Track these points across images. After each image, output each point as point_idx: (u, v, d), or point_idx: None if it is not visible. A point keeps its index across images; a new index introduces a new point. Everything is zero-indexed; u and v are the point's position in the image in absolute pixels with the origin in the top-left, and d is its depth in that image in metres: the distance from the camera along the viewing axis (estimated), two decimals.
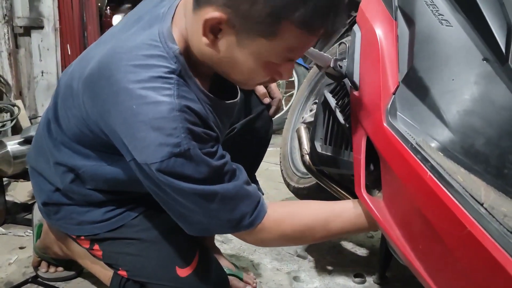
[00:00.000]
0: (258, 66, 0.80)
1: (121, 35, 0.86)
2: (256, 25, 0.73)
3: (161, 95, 0.76)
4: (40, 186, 1.07)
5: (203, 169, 0.79)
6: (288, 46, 0.77)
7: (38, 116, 2.63)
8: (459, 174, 0.73)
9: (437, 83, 0.86)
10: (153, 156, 0.76)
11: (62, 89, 0.95)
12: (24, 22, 2.54)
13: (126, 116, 0.77)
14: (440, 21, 0.91)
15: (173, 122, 0.76)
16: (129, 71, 0.77)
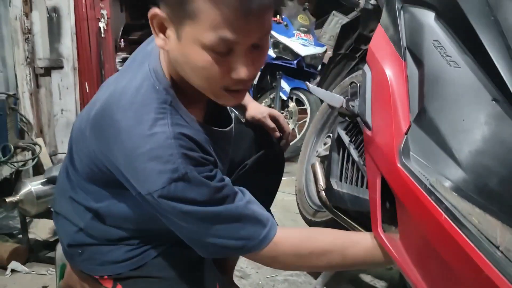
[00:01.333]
0: (206, 58, 0.79)
1: (120, 78, 0.92)
2: (177, 7, 0.76)
3: (156, 126, 0.81)
4: (64, 228, 1.10)
5: (203, 191, 0.82)
6: (212, 23, 0.75)
7: (58, 152, 2.71)
8: (474, 215, 0.74)
9: (448, 123, 0.88)
10: (155, 185, 0.80)
11: (74, 133, 1.00)
12: (45, 63, 2.64)
13: (127, 152, 0.82)
14: (448, 62, 0.94)
15: (169, 149, 0.80)
16: (127, 110, 0.83)
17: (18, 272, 1.68)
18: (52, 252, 1.79)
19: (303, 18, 3.87)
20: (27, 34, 2.56)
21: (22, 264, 1.71)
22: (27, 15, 2.56)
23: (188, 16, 0.75)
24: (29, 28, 2.57)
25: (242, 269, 1.67)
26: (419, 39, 1.01)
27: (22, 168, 2.28)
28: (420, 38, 1.01)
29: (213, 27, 0.75)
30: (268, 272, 1.68)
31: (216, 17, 0.74)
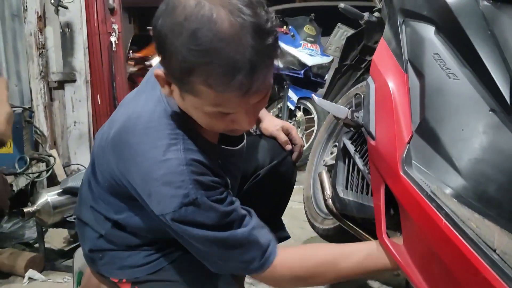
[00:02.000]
0: (207, 117, 0.84)
1: (136, 100, 0.98)
2: (179, 82, 0.79)
3: (169, 152, 0.86)
4: (86, 234, 1.16)
5: (212, 215, 0.87)
6: (212, 103, 0.79)
7: (71, 163, 2.77)
8: (473, 220, 0.78)
9: (448, 133, 0.91)
10: (167, 208, 0.85)
11: (96, 148, 1.05)
12: (58, 77, 2.72)
13: (142, 175, 0.88)
14: (447, 74, 0.98)
15: (181, 176, 0.84)
16: (142, 135, 0.88)
17: (35, 280, 1.73)
18: (68, 260, 1.85)
19: (310, 28, 3.93)
20: (41, 49, 2.64)
21: (39, 273, 1.76)
22: (41, 31, 2.65)
23: (190, 92, 0.79)
24: (43, 43, 2.65)
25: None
26: (420, 52, 1.06)
27: (37, 179, 2.34)
28: (421, 51, 1.05)
29: (213, 105, 0.79)
30: None
31: (216, 99, 0.77)
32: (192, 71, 0.74)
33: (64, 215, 1.79)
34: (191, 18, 0.72)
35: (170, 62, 0.77)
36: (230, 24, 0.72)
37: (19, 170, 2.23)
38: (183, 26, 0.73)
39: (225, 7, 0.73)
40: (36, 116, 2.62)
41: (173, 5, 0.75)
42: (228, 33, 0.72)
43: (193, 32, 0.72)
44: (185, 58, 0.73)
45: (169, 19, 0.74)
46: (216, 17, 0.72)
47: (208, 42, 0.71)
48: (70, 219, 1.80)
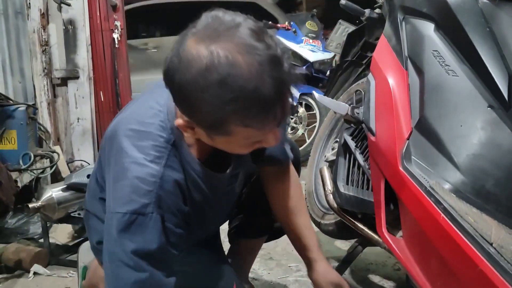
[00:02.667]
0: (236, 147, 0.86)
1: (139, 100, 0.99)
2: (210, 128, 0.80)
3: (150, 161, 0.86)
4: (94, 226, 1.18)
5: (153, 241, 0.84)
6: (246, 137, 0.81)
7: (75, 160, 2.79)
8: (471, 215, 0.79)
9: (447, 129, 0.93)
10: (120, 207, 0.85)
11: (102, 143, 1.06)
12: (62, 74, 2.74)
13: (117, 170, 0.89)
14: (447, 71, 0.99)
15: (150, 186, 0.84)
16: (131, 135, 0.89)
17: (40, 274, 1.75)
18: (72, 255, 1.87)
19: (311, 24, 3.94)
20: (45, 46, 2.65)
21: (43, 267, 1.78)
22: (44, 28, 2.66)
23: (222, 134, 0.80)
24: (46, 40, 2.67)
25: (255, 270, 1.73)
26: (419, 49, 1.07)
27: (41, 175, 2.37)
28: (420, 48, 1.07)
29: (247, 138, 0.82)
30: (280, 273, 1.73)
31: (249, 133, 0.79)
32: (225, 119, 0.75)
33: (69, 210, 1.81)
34: (212, 69, 0.72)
35: (198, 114, 0.77)
36: (250, 65, 0.72)
37: (23, 166, 2.26)
38: (206, 79, 0.72)
39: (239, 49, 0.72)
40: (40, 113, 2.64)
41: (187, 59, 0.74)
42: (251, 73, 0.72)
43: (219, 83, 0.72)
44: (217, 108, 0.74)
45: (188, 73, 0.73)
46: (235, 61, 0.71)
47: (236, 88, 0.72)
48: (75, 215, 1.83)
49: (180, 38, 0.78)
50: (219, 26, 0.74)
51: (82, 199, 1.80)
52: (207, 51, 0.72)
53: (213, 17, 0.76)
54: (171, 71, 0.76)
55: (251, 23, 0.76)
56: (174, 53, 0.77)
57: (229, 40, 0.72)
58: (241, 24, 0.74)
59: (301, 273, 1.73)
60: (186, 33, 0.78)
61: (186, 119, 0.82)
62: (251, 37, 0.73)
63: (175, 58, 0.76)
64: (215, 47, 0.72)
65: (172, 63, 0.76)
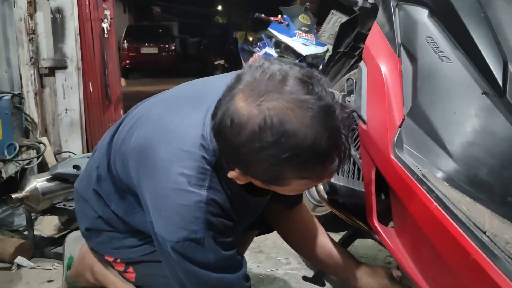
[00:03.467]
0: (289, 192, 0.86)
1: (173, 111, 0.94)
2: (267, 181, 0.81)
3: (193, 185, 0.84)
4: (84, 212, 1.16)
5: (211, 256, 0.87)
6: (302, 186, 0.83)
7: (63, 151, 2.75)
8: (464, 204, 0.77)
9: (440, 116, 0.90)
10: (171, 235, 0.85)
11: (116, 142, 1.03)
12: (49, 64, 2.68)
13: (158, 193, 0.87)
14: (440, 57, 0.97)
15: (197, 212, 0.84)
16: (175, 155, 0.86)
17: (23, 267, 1.71)
18: (57, 248, 1.83)
19: (305, 17, 3.91)
20: (32, 34, 2.59)
21: (27, 260, 1.74)
22: (31, 16, 2.60)
23: (278, 185, 0.81)
24: (34, 29, 2.60)
25: None
26: (413, 36, 1.04)
27: (27, 166, 2.32)
28: (414, 34, 1.04)
29: (302, 186, 0.82)
30: (269, 266, 1.71)
31: (307, 182, 0.81)
32: (282, 174, 0.76)
33: (54, 201, 1.77)
34: (265, 130, 0.71)
35: (254, 171, 0.78)
36: (302, 121, 0.71)
37: (8, 157, 2.20)
38: (260, 140, 0.72)
39: (290, 105, 0.72)
40: (27, 103, 2.58)
41: (239, 122, 0.73)
42: (305, 129, 0.71)
43: (274, 143, 0.71)
44: (273, 166, 0.74)
45: (242, 136, 0.73)
46: (287, 120, 0.71)
47: (291, 147, 0.71)
48: (60, 206, 1.79)
49: (227, 95, 0.77)
50: (267, 82, 0.74)
51: (67, 190, 1.76)
52: (257, 111, 0.72)
53: (258, 70, 0.76)
54: (223, 133, 0.76)
55: (298, 71, 0.75)
56: (224, 113, 0.76)
57: (279, 97, 0.72)
58: (288, 75, 0.74)
59: (291, 266, 1.71)
60: (233, 89, 0.77)
61: (239, 171, 0.81)
62: (301, 89, 0.73)
63: (226, 119, 0.75)
64: (266, 107, 0.72)
65: (223, 125, 0.76)
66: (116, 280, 1.20)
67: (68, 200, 1.79)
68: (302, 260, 1.76)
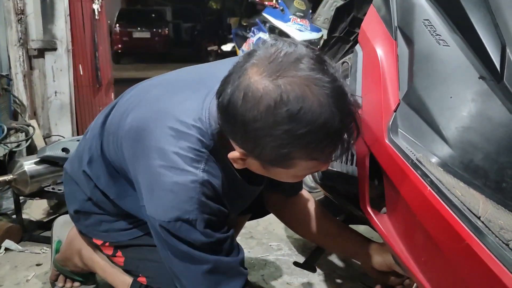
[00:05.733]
0: (287, 177, 0.85)
1: (173, 92, 0.92)
2: (271, 162, 0.79)
3: (189, 165, 0.83)
4: (74, 194, 1.14)
5: (204, 240, 0.85)
6: (305, 170, 0.81)
7: (52, 135, 2.70)
8: (458, 189, 0.76)
9: (436, 101, 0.89)
10: (162, 215, 0.83)
11: (110, 124, 1.01)
12: (38, 45, 2.62)
13: (152, 172, 0.84)
14: (437, 41, 0.95)
15: (191, 192, 0.82)
16: (169, 134, 0.84)
17: (11, 250, 1.69)
18: (46, 232, 1.81)
19: (299, 3, 3.87)
20: (20, 14, 2.52)
21: (16, 243, 1.72)
22: None
23: (282, 167, 0.79)
24: (22, 9, 2.53)
25: None
26: (410, 19, 1.02)
27: (16, 149, 2.27)
28: (411, 17, 1.02)
29: (305, 169, 0.81)
30: (260, 252, 1.71)
31: (312, 165, 0.79)
32: (292, 153, 0.74)
33: (42, 184, 1.74)
34: (281, 105, 0.70)
35: (261, 149, 0.75)
36: (319, 98, 0.71)
37: None
38: (276, 115, 0.71)
39: (307, 83, 0.71)
40: (15, 85, 2.53)
41: (253, 95, 0.72)
42: (321, 107, 0.71)
43: (290, 118, 0.70)
44: (285, 144, 0.73)
45: (256, 110, 0.71)
46: (304, 96, 0.70)
47: (308, 122, 0.71)
48: (48, 189, 1.76)
49: (238, 71, 0.75)
50: (282, 58, 0.73)
51: (56, 173, 1.74)
52: (273, 86, 0.71)
53: (273, 47, 0.75)
54: (233, 106, 0.74)
55: (310, 52, 0.75)
56: (235, 87, 0.74)
57: (296, 74, 0.71)
58: (303, 55, 0.74)
59: (282, 252, 1.71)
60: (244, 64, 0.75)
61: (242, 151, 0.79)
62: (315, 68, 0.73)
63: (238, 94, 0.73)
64: (282, 82, 0.71)
65: (234, 99, 0.74)
66: (105, 265, 1.19)
67: (57, 183, 1.76)
68: (294, 246, 1.76)
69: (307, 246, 1.73)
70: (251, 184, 0.98)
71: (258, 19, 4.21)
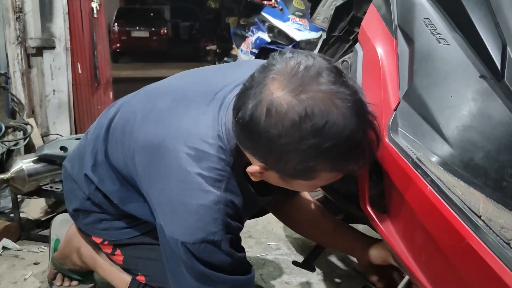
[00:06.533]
0: (305, 187, 0.86)
1: (188, 108, 0.90)
2: (293, 175, 0.78)
3: (212, 186, 0.82)
4: (74, 192, 1.13)
5: (227, 260, 0.84)
6: (325, 181, 0.82)
7: (50, 133, 2.70)
8: (458, 188, 0.75)
9: (437, 100, 0.88)
10: (187, 237, 0.82)
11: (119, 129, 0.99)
12: (37, 43, 2.61)
13: (174, 193, 0.83)
14: (438, 39, 0.94)
15: (216, 213, 0.81)
16: (192, 154, 0.83)
17: (9, 249, 1.68)
18: (44, 230, 1.80)
19: (299, 2, 3.86)
20: (19, 13, 2.51)
21: (13, 242, 1.71)
22: None
23: (304, 179, 0.79)
24: (21, 7, 2.53)
25: None
26: (410, 17, 1.02)
27: (14, 147, 2.27)
28: (411, 16, 1.02)
29: (325, 180, 0.81)
30: (259, 251, 1.70)
31: (334, 176, 0.81)
32: (316, 167, 0.75)
33: (40, 183, 1.73)
34: (306, 120, 0.70)
35: (285, 164, 0.75)
36: (342, 112, 0.71)
37: None
38: (300, 130, 0.71)
39: (330, 96, 0.71)
40: (13, 84, 2.52)
41: (277, 111, 0.71)
42: (345, 120, 0.71)
43: (315, 133, 0.71)
44: (310, 158, 0.73)
45: (280, 126, 0.71)
46: (329, 110, 0.71)
47: (333, 136, 0.71)
48: (46, 188, 1.75)
49: (256, 85, 0.74)
50: (303, 73, 0.73)
51: (54, 171, 1.73)
52: (297, 101, 0.71)
53: (291, 60, 0.75)
54: (255, 123, 0.73)
55: (329, 64, 0.76)
56: (256, 102, 0.73)
57: (318, 88, 0.71)
58: (322, 68, 0.74)
59: (281, 251, 1.70)
60: (263, 78, 0.74)
61: (262, 165, 0.79)
62: (336, 82, 0.73)
63: (260, 110, 0.72)
64: (306, 97, 0.71)
65: (257, 114, 0.73)
66: (103, 263, 1.19)
67: (55, 182, 1.76)
68: (292, 245, 1.75)
69: (306, 245, 1.72)
70: (261, 195, 0.98)
71: (257, 19, 4.20)
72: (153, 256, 1.05)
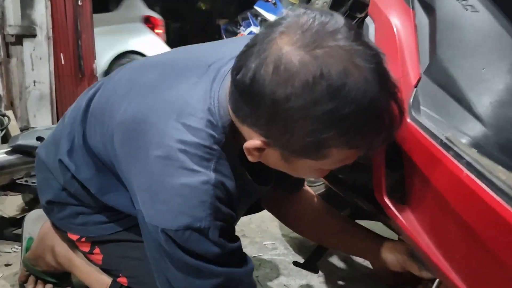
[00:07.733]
0: (309, 172, 0.75)
1: (174, 79, 0.80)
2: (299, 151, 0.68)
3: (200, 165, 0.71)
4: (48, 182, 1.01)
5: (215, 250, 0.74)
6: (335, 163, 0.71)
7: (30, 127, 2.55)
8: (498, 172, 0.64)
9: (466, 74, 0.79)
10: (168, 223, 0.71)
11: (98, 109, 0.88)
12: (16, 31, 2.47)
13: (155, 172, 0.73)
14: (464, 6, 0.84)
15: (203, 195, 0.71)
16: (176, 128, 0.72)
17: None
18: (18, 229, 1.66)
19: None
20: None
21: None
22: None
23: (312, 158, 0.68)
24: None
25: None
26: None
27: None
28: None
29: (336, 162, 0.70)
30: (254, 252, 1.60)
31: (347, 155, 0.69)
32: (328, 140, 0.64)
33: (14, 176, 1.60)
34: (322, 80, 0.59)
35: (292, 136, 0.64)
36: (365, 74, 0.61)
37: None
38: (314, 92, 0.60)
39: (349, 56, 0.61)
40: None
41: (286, 68, 0.61)
42: (366, 84, 0.61)
43: (332, 96, 0.60)
44: (324, 127, 0.62)
45: (290, 86, 0.61)
46: (348, 70, 0.60)
47: (352, 101, 0.60)
48: (21, 181, 1.62)
49: (260, 40, 0.64)
50: (318, 27, 0.62)
51: (30, 164, 1.60)
52: (311, 58, 0.60)
53: (304, 15, 0.64)
54: (259, 83, 0.63)
55: (347, 21, 0.65)
56: (261, 60, 0.63)
57: (336, 44, 0.61)
58: (341, 24, 0.63)
59: (277, 251, 1.60)
60: (270, 34, 0.64)
61: (263, 139, 0.68)
62: (356, 39, 0.63)
63: (265, 67, 0.62)
64: (321, 53, 0.60)
65: (261, 73, 0.62)
66: (80, 263, 1.08)
67: (31, 176, 1.62)
68: (289, 245, 1.65)
69: (303, 245, 1.62)
70: (258, 184, 0.87)
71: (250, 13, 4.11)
72: (137, 255, 0.94)
